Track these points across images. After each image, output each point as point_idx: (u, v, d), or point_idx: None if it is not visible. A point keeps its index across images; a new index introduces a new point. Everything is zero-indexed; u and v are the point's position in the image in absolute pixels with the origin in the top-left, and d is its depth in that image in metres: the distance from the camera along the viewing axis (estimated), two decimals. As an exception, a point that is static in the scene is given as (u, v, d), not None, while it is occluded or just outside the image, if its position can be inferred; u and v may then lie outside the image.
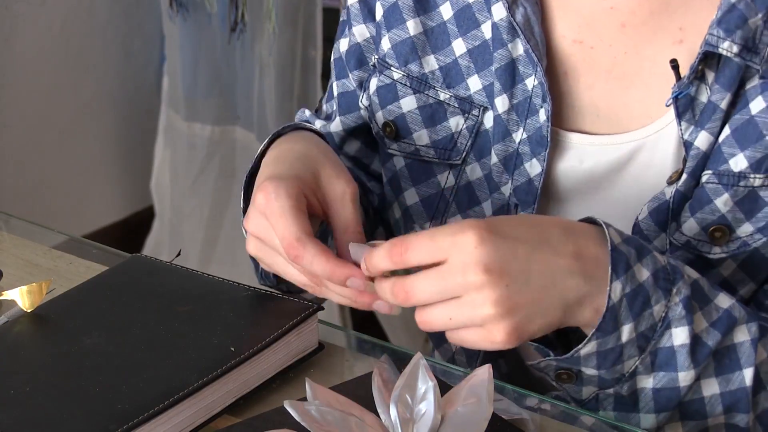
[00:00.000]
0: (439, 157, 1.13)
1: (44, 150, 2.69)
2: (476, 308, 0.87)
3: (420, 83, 1.13)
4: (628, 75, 1.07)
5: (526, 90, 1.08)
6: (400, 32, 1.13)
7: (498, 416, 0.90)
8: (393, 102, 1.14)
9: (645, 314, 0.93)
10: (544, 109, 1.07)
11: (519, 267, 0.87)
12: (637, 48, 1.06)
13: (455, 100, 1.12)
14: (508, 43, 1.08)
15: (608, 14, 1.07)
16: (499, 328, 0.87)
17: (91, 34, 2.71)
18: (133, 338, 0.99)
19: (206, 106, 2.57)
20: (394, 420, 0.84)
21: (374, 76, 1.16)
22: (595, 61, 1.08)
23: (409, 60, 1.13)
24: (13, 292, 1.04)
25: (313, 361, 1.02)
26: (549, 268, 0.89)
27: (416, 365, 0.86)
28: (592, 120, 1.08)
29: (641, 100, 1.07)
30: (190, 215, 2.64)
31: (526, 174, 1.08)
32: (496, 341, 0.88)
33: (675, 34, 1.05)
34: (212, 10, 2.46)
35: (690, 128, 1.02)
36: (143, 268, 1.10)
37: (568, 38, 1.09)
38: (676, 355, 0.95)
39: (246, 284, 1.05)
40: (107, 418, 0.89)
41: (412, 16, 1.12)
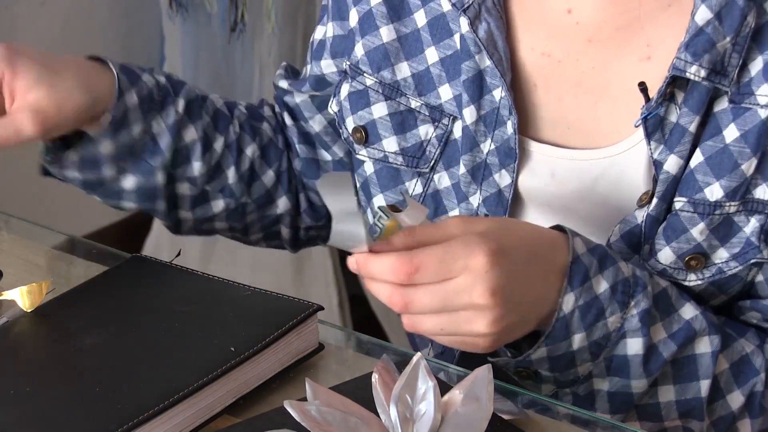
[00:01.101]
0: (407, 165, 1.13)
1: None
2: (471, 325, 0.90)
3: (392, 90, 1.12)
4: (596, 90, 1.06)
5: (493, 101, 1.07)
6: (374, 39, 1.12)
7: (498, 416, 0.90)
8: (364, 108, 1.14)
9: (598, 325, 0.96)
10: (510, 121, 1.06)
11: (518, 289, 0.91)
12: (604, 63, 1.06)
13: (426, 108, 1.11)
14: (476, 55, 1.07)
15: (574, 29, 1.06)
16: (486, 341, 0.91)
17: (91, 34, 2.71)
18: (133, 338, 0.99)
19: None
20: (394, 420, 0.84)
21: (345, 81, 1.15)
22: (563, 75, 1.07)
23: (382, 66, 1.12)
24: (13, 292, 1.04)
25: (313, 361, 1.02)
26: (540, 286, 0.93)
27: (416, 365, 0.86)
28: (563, 132, 1.08)
29: (610, 116, 1.06)
30: (190, 215, 2.63)
31: (495, 185, 1.08)
32: (477, 347, 0.92)
33: (642, 51, 1.05)
34: (212, 10, 2.46)
35: (660, 147, 1.02)
36: (143, 268, 1.10)
37: (536, 51, 1.08)
38: (629, 363, 0.98)
39: (246, 284, 1.05)
40: (107, 418, 0.89)
41: (385, 23, 1.12)
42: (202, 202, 1.20)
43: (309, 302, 1.02)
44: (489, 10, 1.07)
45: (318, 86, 1.21)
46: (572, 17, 1.06)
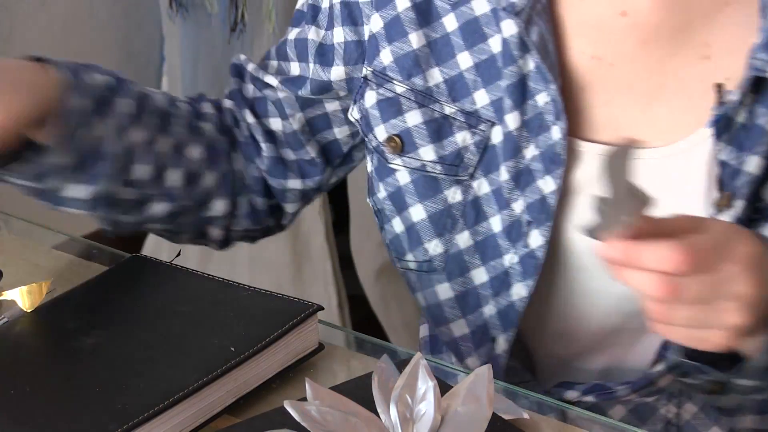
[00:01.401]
0: (446, 173, 1.11)
1: (44, 150, 2.69)
2: (728, 315, 0.87)
3: (425, 97, 1.10)
4: (650, 91, 1.06)
5: (536, 106, 1.06)
6: (403, 45, 1.10)
7: (498, 416, 0.90)
8: (397, 116, 1.11)
9: None
10: (558, 127, 1.05)
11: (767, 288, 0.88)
12: (659, 64, 1.05)
13: (461, 114, 1.09)
14: (519, 59, 1.06)
15: (628, 31, 1.05)
16: (736, 334, 0.88)
17: (91, 34, 2.71)
18: (133, 338, 0.99)
19: None
20: (394, 420, 0.84)
21: (369, 89, 1.13)
22: (614, 78, 1.06)
23: (413, 73, 1.10)
24: (13, 292, 1.04)
25: (313, 361, 1.02)
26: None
27: (416, 365, 0.86)
28: (611, 134, 1.06)
29: (664, 117, 1.05)
30: (190, 215, 2.64)
31: (538, 191, 1.07)
32: (724, 345, 0.89)
33: (700, 50, 1.04)
34: (212, 11, 2.46)
35: (728, 149, 1.01)
36: (143, 268, 1.10)
37: (586, 54, 1.07)
38: None
39: (246, 284, 1.05)
40: (107, 418, 0.89)
41: (414, 29, 1.10)
42: (144, 205, 1.15)
43: (309, 302, 1.02)
44: (539, 14, 1.06)
45: (320, 91, 1.19)
46: (627, 20, 1.05)
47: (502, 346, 1.11)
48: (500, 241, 1.09)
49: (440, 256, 1.12)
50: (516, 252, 1.08)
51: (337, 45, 1.15)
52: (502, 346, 1.11)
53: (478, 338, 1.12)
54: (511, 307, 1.09)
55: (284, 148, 1.22)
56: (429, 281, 1.13)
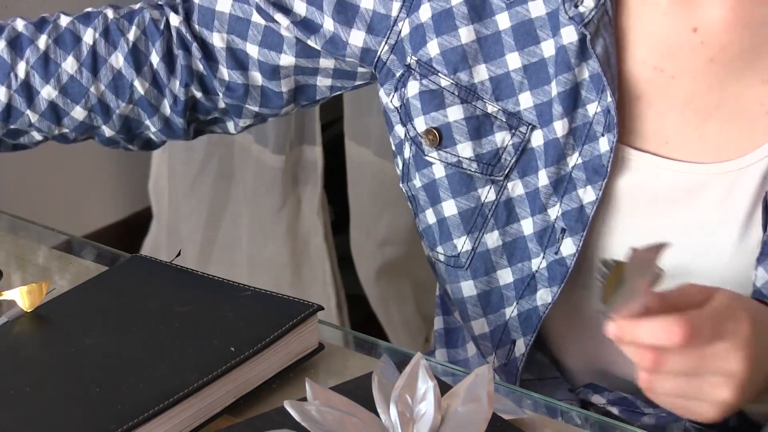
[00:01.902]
0: (481, 171, 1.10)
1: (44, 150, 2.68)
2: (716, 391, 0.87)
3: (468, 93, 1.09)
4: (707, 109, 1.05)
5: (586, 115, 1.06)
6: (452, 39, 1.09)
7: (498, 416, 0.90)
8: (438, 109, 1.10)
9: None
10: (606, 138, 1.05)
11: (761, 356, 0.88)
12: (721, 83, 1.05)
13: (503, 114, 1.09)
14: (575, 68, 1.05)
15: (697, 48, 1.05)
16: (720, 409, 0.88)
17: (91, 34, 2.71)
18: (133, 338, 0.99)
19: None
20: (394, 420, 0.84)
21: (412, 78, 1.11)
22: (673, 91, 1.06)
23: (459, 68, 1.09)
24: (13, 292, 1.04)
25: (313, 361, 1.02)
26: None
27: (416, 365, 0.86)
28: (659, 146, 1.06)
29: (718, 135, 1.05)
30: (188, 216, 2.63)
31: (577, 200, 1.06)
32: (707, 418, 0.89)
33: (764, 73, 1.04)
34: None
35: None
36: (143, 268, 1.10)
37: (648, 64, 1.06)
38: None
39: (246, 284, 1.05)
40: (107, 418, 0.89)
41: (465, 24, 1.09)
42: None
43: (309, 302, 1.02)
44: (605, 27, 1.05)
45: (331, 50, 1.14)
46: (697, 36, 1.05)
47: (521, 349, 1.11)
48: (530, 244, 1.09)
49: (467, 253, 1.12)
50: (545, 257, 1.08)
51: (363, 9, 1.13)
52: (521, 350, 1.11)
53: (497, 339, 1.12)
54: (534, 311, 1.10)
55: (254, 72, 1.18)
56: (455, 276, 1.13)
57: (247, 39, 1.17)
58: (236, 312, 1.01)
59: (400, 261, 2.43)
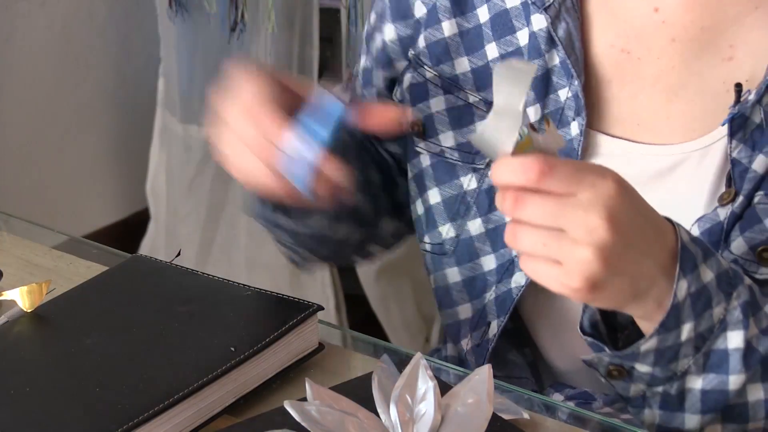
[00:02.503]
0: (463, 160, 1.12)
1: (44, 150, 2.69)
2: (576, 247, 0.86)
3: (451, 84, 1.12)
4: (673, 88, 1.07)
5: (558, 101, 1.07)
6: (435, 32, 1.12)
7: (498, 416, 0.90)
8: (423, 101, 1.13)
9: (705, 315, 0.94)
10: (576, 122, 1.06)
11: (631, 232, 0.87)
12: (684, 62, 1.06)
13: (483, 104, 1.11)
14: (545, 54, 1.07)
15: (659, 28, 1.07)
16: (583, 274, 0.86)
17: (91, 34, 2.71)
18: (133, 338, 0.99)
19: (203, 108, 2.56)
20: (394, 420, 0.84)
21: (409, 71, 1.15)
22: (640, 72, 1.07)
23: (442, 60, 1.12)
24: (13, 292, 1.04)
25: (313, 361, 1.02)
26: (647, 247, 0.89)
27: (416, 365, 0.86)
28: (633, 128, 1.08)
29: (683, 114, 1.06)
30: (187, 218, 2.63)
31: None
32: (570, 286, 0.87)
33: (725, 51, 1.05)
34: (212, 10, 2.46)
35: (740, 147, 1.02)
36: (143, 268, 1.10)
37: (616, 48, 1.08)
38: (729, 358, 0.96)
39: (246, 284, 1.05)
40: (107, 418, 0.89)
41: (448, 18, 1.12)
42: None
43: (309, 302, 1.02)
44: (568, 11, 1.07)
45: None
46: (659, 16, 1.07)
47: (494, 330, 1.11)
48: None
49: (451, 240, 1.13)
50: None
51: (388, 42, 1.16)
52: (493, 330, 1.12)
53: (475, 322, 1.13)
54: (508, 294, 1.10)
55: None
56: (440, 264, 1.14)
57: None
58: (236, 312, 1.01)
59: (400, 261, 2.43)
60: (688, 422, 0.99)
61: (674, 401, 0.98)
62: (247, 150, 0.97)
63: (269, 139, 0.96)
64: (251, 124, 0.97)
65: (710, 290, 0.94)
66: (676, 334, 0.93)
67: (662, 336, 0.93)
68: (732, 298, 0.95)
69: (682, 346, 0.94)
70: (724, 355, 0.96)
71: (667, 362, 0.95)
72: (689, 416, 0.99)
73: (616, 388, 0.99)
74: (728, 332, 0.95)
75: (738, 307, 0.95)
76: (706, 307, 0.94)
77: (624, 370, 0.97)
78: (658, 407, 0.99)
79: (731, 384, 0.96)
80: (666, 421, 0.99)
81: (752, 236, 1.02)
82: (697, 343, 0.95)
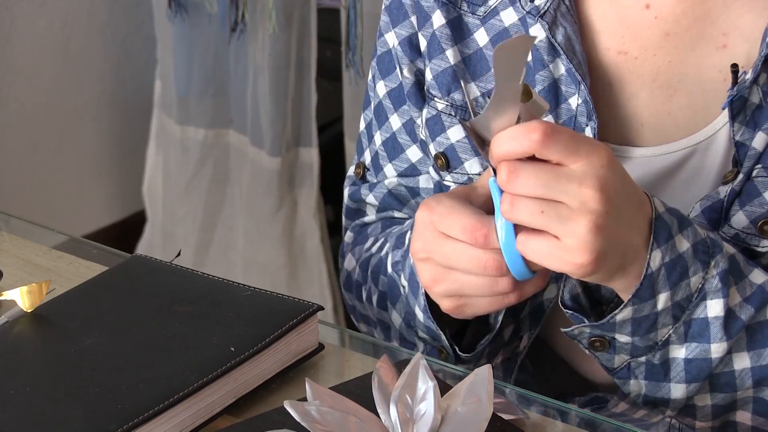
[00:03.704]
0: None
1: (44, 150, 2.69)
2: (572, 219, 0.87)
3: (465, 111, 1.10)
4: (672, 83, 1.07)
5: (570, 109, 1.07)
6: (440, 62, 1.11)
7: (498, 416, 0.90)
8: (441, 133, 1.11)
9: (682, 284, 0.95)
10: (590, 127, 1.05)
11: (619, 203, 0.89)
12: (681, 56, 1.06)
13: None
14: (549, 64, 1.06)
15: (652, 24, 1.07)
16: (584, 248, 0.88)
17: (91, 34, 2.71)
18: (133, 338, 0.99)
19: (200, 109, 2.56)
20: (394, 420, 0.84)
21: (425, 106, 1.13)
22: (639, 71, 1.07)
23: (452, 89, 1.10)
24: (13, 292, 1.04)
25: (313, 361, 1.02)
26: (632, 218, 0.91)
27: (416, 365, 0.86)
28: (637, 130, 1.07)
29: (686, 108, 1.07)
30: (184, 219, 2.63)
31: None
32: (573, 262, 0.89)
33: (718, 40, 1.05)
34: (212, 11, 2.46)
35: (742, 129, 1.03)
36: (143, 268, 1.10)
37: (612, 50, 1.08)
38: (710, 326, 0.97)
39: (246, 284, 1.05)
40: (107, 418, 0.89)
41: (450, 45, 1.10)
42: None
43: (309, 302, 1.02)
44: (564, 15, 1.06)
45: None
46: (650, 12, 1.07)
47: (524, 343, 1.12)
48: None
49: None
50: None
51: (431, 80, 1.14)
52: (524, 343, 1.12)
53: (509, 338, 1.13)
54: (539, 307, 1.11)
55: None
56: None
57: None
58: (236, 312, 1.01)
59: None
60: (674, 392, 0.99)
61: (658, 371, 0.99)
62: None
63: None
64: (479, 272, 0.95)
65: (686, 259, 0.94)
66: (652, 304, 0.94)
67: (637, 306, 0.94)
68: (710, 267, 0.96)
69: (659, 315, 0.95)
70: (705, 324, 0.97)
71: (645, 332, 0.96)
72: (674, 386, 0.99)
73: (601, 359, 1.00)
74: (708, 301, 0.96)
75: (717, 275, 0.96)
76: (683, 276, 0.95)
77: (606, 341, 0.98)
78: (644, 377, 1.00)
79: (713, 352, 0.97)
80: (652, 391, 1.00)
81: (752, 210, 1.02)
82: (675, 312, 0.96)
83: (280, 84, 2.43)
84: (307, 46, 2.43)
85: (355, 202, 1.22)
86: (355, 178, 1.22)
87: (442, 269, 0.96)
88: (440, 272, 0.96)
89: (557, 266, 0.90)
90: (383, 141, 1.18)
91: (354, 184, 1.23)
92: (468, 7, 1.10)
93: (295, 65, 2.44)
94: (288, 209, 2.52)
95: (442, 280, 0.97)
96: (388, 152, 1.18)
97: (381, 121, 1.18)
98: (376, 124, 1.19)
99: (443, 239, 0.95)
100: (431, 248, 0.96)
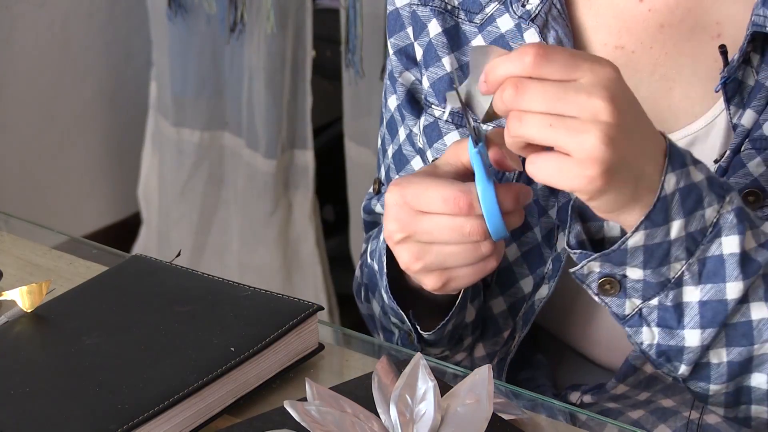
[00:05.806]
0: None
1: (44, 150, 2.69)
2: (582, 132, 0.85)
3: (462, 118, 1.10)
4: (670, 75, 1.07)
5: None
6: (437, 70, 1.11)
7: (498, 416, 0.90)
8: (438, 140, 1.12)
9: (696, 214, 0.92)
10: None
11: (630, 117, 0.87)
12: (677, 47, 1.07)
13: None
14: None
15: (647, 17, 1.07)
16: (595, 160, 0.86)
17: (91, 34, 2.71)
18: (133, 338, 0.99)
19: (195, 111, 2.56)
20: (394, 420, 0.84)
21: (423, 114, 1.13)
22: (636, 65, 1.07)
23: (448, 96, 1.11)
24: (13, 292, 1.04)
25: (313, 361, 1.02)
26: (644, 139, 0.89)
27: (416, 365, 0.86)
28: None
29: (684, 99, 1.07)
30: (179, 222, 2.63)
31: (566, 194, 1.07)
32: (585, 174, 0.86)
33: (712, 29, 1.06)
34: (211, 11, 2.46)
35: (739, 112, 1.02)
36: (143, 268, 1.10)
37: (609, 45, 1.08)
38: (725, 264, 0.94)
39: (246, 284, 1.05)
40: (107, 418, 0.89)
41: (447, 53, 1.10)
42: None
43: (309, 302, 1.02)
44: (555, 19, 1.06)
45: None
46: (644, 5, 1.07)
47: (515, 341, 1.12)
48: (543, 249, 1.09)
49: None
50: (551, 257, 1.09)
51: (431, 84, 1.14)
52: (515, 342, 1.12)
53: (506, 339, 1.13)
54: (530, 307, 1.10)
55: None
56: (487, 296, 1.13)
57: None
58: (236, 312, 1.01)
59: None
60: (689, 339, 0.96)
61: (672, 316, 0.96)
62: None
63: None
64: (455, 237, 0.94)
65: (701, 189, 0.92)
66: (665, 231, 0.92)
67: (649, 231, 0.91)
68: (725, 201, 0.93)
69: (672, 245, 0.92)
70: (720, 262, 0.94)
71: (657, 263, 0.93)
72: (689, 332, 0.96)
73: (611, 307, 0.97)
74: (723, 237, 0.93)
75: (732, 211, 0.93)
76: (697, 206, 0.92)
77: (616, 281, 0.95)
78: (656, 324, 0.97)
79: (729, 293, 0.94)
80: (665, 339, 0.97)
81: (737, 181, 1.02)
82: (689, 244, 0.93)
83: (276, 86, 2.43)
84: (302, 47, 2.43)
85: (368, 214, 1.22)
86: (373, 194, 1.22)
87: (421, 246, 0.95)
88: (420, 249, 0.95)
89: (567, 183, 0.87)
90: (393, 154, 1.19)
91: (370, 198, 1.23)
92: (465, 16, 1.11)
93: (291, 67, 2.44)
94: (283, 212, 2.52)
95: (423, 256, 0.95)
96: (396, 164, 1.18)
97: (392, 135, 1.18)
98: (389, 138, 1.19)
99: (421, 216, 0.94)
100: (409, 228, 0.95)
